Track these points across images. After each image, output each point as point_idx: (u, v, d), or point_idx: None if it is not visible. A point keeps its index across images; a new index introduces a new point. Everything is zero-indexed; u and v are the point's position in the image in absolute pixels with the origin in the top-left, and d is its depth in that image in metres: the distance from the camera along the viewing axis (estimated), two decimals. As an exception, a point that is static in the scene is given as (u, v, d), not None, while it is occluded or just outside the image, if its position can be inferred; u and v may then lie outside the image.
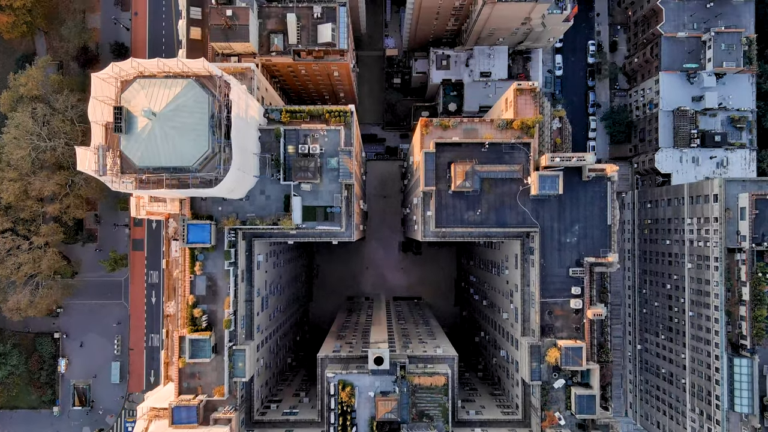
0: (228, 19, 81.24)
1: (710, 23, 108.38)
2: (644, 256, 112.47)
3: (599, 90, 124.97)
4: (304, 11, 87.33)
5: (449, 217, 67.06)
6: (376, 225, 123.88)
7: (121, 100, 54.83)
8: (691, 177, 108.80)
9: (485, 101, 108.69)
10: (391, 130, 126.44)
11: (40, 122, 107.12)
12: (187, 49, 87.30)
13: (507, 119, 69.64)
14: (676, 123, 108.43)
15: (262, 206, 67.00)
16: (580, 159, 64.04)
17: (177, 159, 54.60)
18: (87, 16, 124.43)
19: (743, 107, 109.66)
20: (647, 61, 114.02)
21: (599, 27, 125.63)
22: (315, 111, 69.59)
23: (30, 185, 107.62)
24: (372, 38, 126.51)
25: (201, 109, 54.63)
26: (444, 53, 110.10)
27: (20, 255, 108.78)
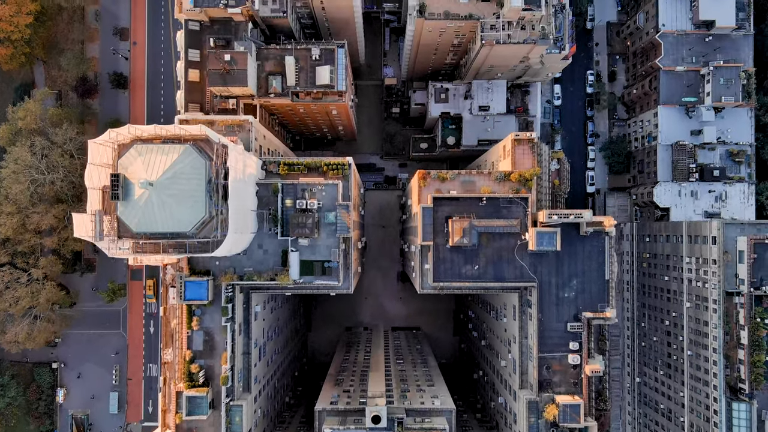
0: (226, 64, 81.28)
1: (709, 57, 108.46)
2: (643, 290, 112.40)
3: (598, 120, 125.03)
4: (302, 53, 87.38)
5: (447, 272, 67.00)
6: (374, 255, 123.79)
7: (119, 166, 54.78)
8: (690, 211, 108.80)
9: (484, 135, 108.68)
10: (389, 159, 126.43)
11: (38, 156, 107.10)
12: (185, 91, 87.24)
13: (505, 172, 69.62)
14: (674, 157, 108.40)
15: (259, 260, 66.93)
16: (577, 216, 63.96)
17: (174, 225, 54.54)
18: (86, 45, 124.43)
19: (742, 141, 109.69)
20: (646, 94, 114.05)
21: (598, 57, 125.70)
22: (313, 164, 69.58)
23: (28, 219, 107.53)
24: (371, 68, 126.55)
25: (198, 175, 54.59)
26: (443, 86, 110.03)
27: (19, 289, 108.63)
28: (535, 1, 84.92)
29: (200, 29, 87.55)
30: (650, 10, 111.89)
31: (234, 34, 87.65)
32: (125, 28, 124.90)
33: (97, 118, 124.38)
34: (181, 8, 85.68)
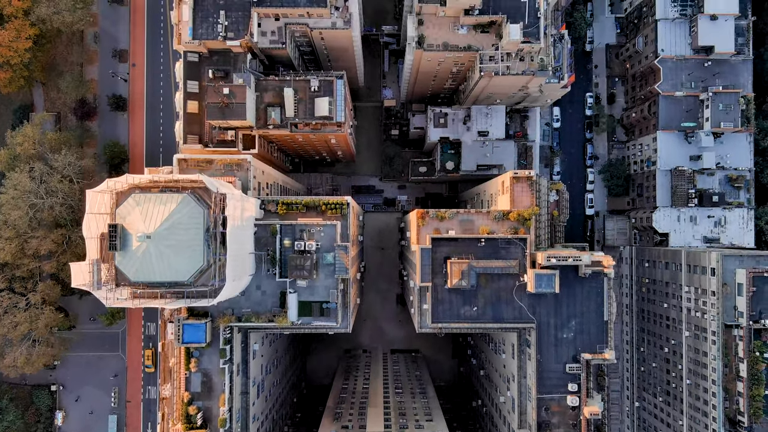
0: (225, 97, 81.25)
1: (708, 82, 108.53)
2: (642, 314, 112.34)
3: (597, 142, 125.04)
4: (301, 84, 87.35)
5: (445, 312, 66.95)
6: (373, 277, 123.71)
7: (116, 215, 54.72)
8: (689, 236, 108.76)
9: (483, 160, 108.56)
10: (388, 181, 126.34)
11: (37, 181, 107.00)
12: (183, 123, 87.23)
13: (503, 211, 69.57)
14: (673, 182, 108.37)
15: (258, 301, 66.86)
16: (576, 259, 63.91)
17: (172, 275, 54.49)
18: (85, 67, 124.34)
19: (741, 166, 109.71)
20: (645, 118, 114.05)
21: (597, 79, 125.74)
22: (311, 203, 69.53)
23: (27, 244, 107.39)
24: (370, 90, 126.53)
25: (196, 224, 54.54)
26: (441, 111, 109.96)
27: (17, 314, 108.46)
28: (533, 34, 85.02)
29: (199, 60, 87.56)
30: (649, 35, 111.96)
31: (233, 65, 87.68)
32: (124, 50, 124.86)
33: (96, 140, 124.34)
34: (179, 40, 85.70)
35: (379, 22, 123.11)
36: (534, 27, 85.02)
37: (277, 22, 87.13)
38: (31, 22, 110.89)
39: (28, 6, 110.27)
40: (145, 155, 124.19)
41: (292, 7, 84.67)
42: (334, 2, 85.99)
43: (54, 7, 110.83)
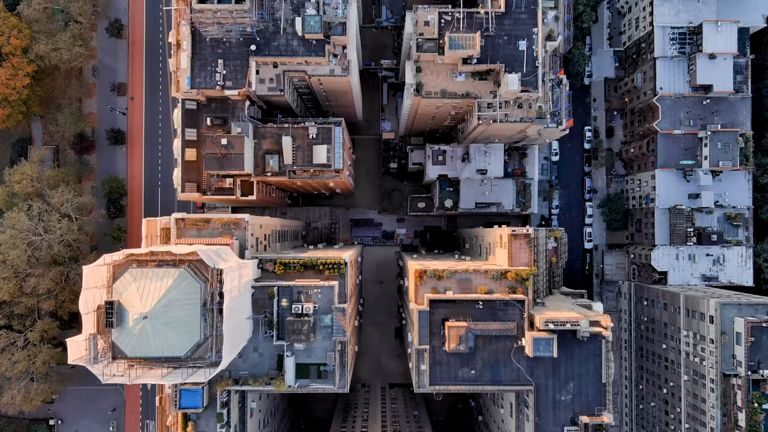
0: (223, 148, 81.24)
1: (707, 120, 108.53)
2: (641, 352, 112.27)
3: (596, 175, 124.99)
4: (299, 131, 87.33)
5: (443, 374, 66.88)
6: (372, 311, 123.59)
7: (113, 291, 54.63)
8: (688, 275, 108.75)
9: (481, 198, 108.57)
10: (387, 214, 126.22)
11: (35, 219, 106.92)
12: (182, 170, 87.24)
13: (501, 270, 69.51)
14: (672, 221, 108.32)
15: (255, 363, 66.78)
16: (574, 323, 63.85)
17: (169, 351, 54.44)
18: (83, 101, 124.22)
19: (739, 204, 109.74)
20: (643, 154, 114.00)
21: (596, 112, 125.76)
22: (309, 261, 69.48)
23: (25, 282, 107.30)
24: (369, 123, 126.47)
25: (193, 300, 54.45)
26: (440, 149, 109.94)
27: (15, 352, 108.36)
28: (532, 82, 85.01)
29: (197, 108, 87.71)
30: (648, 72, 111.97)
31: (231, 113, 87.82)
32: (123, 83, 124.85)
33: (95, 173, 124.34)
34: (178, 87, 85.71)
35: (377, 57, 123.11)
36: (532, 75, 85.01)
37: (275, 69, 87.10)
38: (30, 59, 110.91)
39: (27, 44, 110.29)
40: (144, 188, 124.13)
41: (291, 56, 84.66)
42: (332, 50, 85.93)
43: (52, 44, 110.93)
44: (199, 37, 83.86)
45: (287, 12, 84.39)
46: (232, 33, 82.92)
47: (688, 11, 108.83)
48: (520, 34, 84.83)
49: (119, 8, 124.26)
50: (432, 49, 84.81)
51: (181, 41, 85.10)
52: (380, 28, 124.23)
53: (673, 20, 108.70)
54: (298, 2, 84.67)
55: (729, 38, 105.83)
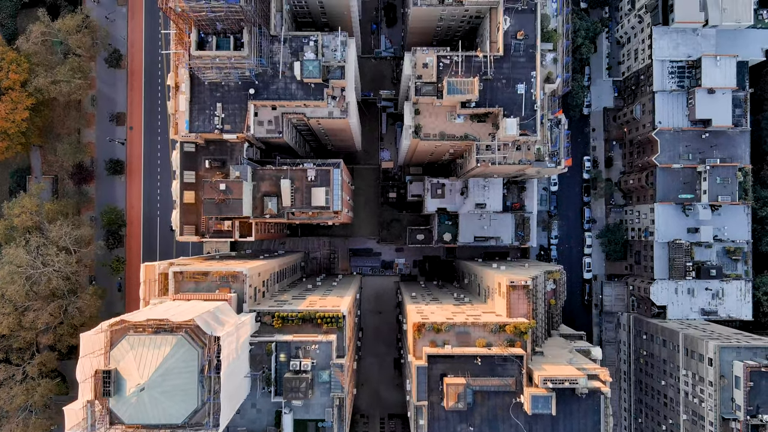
0: (221, 193, 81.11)
1: (706, 154, 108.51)
2: (640, 386, 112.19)
3: (595, 206, 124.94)
4: (298, 173, 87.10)
5: (442, 430, 66.73)
6: (371, 341, 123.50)
7: (110, 358, 54.55)
8: (687, 309, 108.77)
9: (480, 232, 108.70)
10: (386, 244, 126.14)
11: (34, 253, 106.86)
12: (180, 213, 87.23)
13: (500, 323, 69.48)
14: (671, 255, 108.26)
15: (252, 420, 66.74)
16: (572, 382, 63.80)
17: (166, 419, 54.34)
18: (82, 130, 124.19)
19: (738, 239, 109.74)
20: (642, 187, 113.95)
21: (595, 142, 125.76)
22: (307, 314, 69.48)
23: (24, 316, 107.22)
24: (368, 152, 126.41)
25: (190, 368, 54.40)
26: (439, 182, 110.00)
27: (14, 386, 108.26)
28: (530, 126, 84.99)
29: (195, 150, 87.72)
30: (647, 104, 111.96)
31: (230, 155, 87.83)
32: (122, 113, 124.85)
33: (94, 203, 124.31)
34: (176, 130, 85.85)
35: (377, 87, 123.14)
36: (531, 119, 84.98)
37: (273, 111, 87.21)
38: (29, 92, 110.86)
39: (25, 78, 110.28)
40: (143, 218, 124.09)
41: (289, 99, 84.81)
42: (330, 92, 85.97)
43: (51, 77, 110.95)
44: (198, 80, 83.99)
45: (286, 56, 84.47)
46: (231, 77, 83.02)
47: (687, 45, 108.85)
48: (519, 78, 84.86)
49: (118, 38, 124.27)
50: (430, 93, 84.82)
51: (180, 84, 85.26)
52: (379, 58, 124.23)
53: (672, 54, 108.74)
54: (297, 46, 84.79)
55: (728, 73, 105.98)
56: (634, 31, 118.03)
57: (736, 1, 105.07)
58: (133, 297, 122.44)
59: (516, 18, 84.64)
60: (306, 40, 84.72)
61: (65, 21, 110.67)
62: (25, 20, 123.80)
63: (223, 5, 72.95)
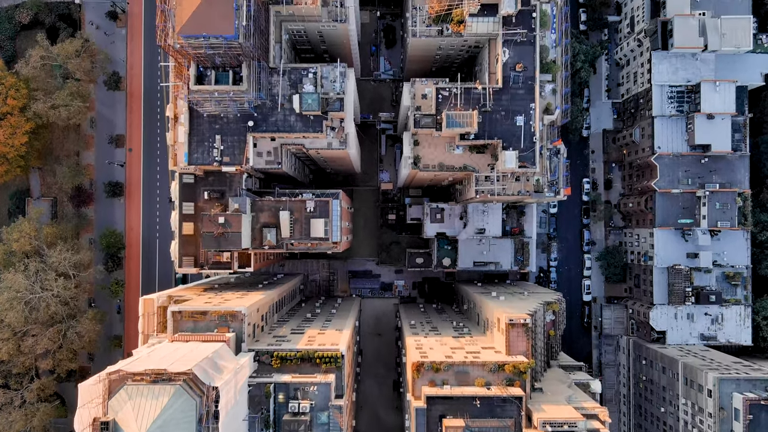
0: (220, 227, 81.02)
1: (705, 179, 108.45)
2: (639, 410, 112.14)
3: (594, 228, 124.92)
4: (297, 205, 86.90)
5: (441, 472, 66.67)
6: (370, 363, 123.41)
7: (108, 408, 54.47)
8: (686, 334, 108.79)
9: (479, 258, 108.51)
10: (386, 266, 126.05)
11: (33, 278, 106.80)
12: (179, 244, 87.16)
13: (499, 363, 69.44)
14: (670, 280, 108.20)
15: (252, 461, 66.56)
16: (571, 425, 63.73)
17: (164, 470, 54.17)
18: (81, 152, 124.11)
19: (738, 264, 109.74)
20: (642, 211, 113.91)
21: (594, 164, 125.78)
22: (306, 354, 69.45)
23: (23, 342, 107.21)
24: (367, 174, 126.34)
25: (189, 418, 54.31)
26: (438, 206, 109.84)
27: (12, 411, 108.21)
28: (529, 158, 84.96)
29: (194, 181, 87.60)
30: (646, 129, 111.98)
31: (229, 186, 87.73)
32: (121, 135, 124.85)
33: (93, 225, 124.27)
34: (175, 162, 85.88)
35: (376, 109, 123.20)
36: (530, 151, 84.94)
37: (272, 143, 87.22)
38: (28, 117, 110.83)
39: (24, 103, 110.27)
40: (142, 240, 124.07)
41: (288, 132, 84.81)
42: (330, 124, 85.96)
43: (50, 102, 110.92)
44: (197, 112, 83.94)
45: (285, 88, 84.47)
46: (230, 109, 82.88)
47: (686, 69, 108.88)
48: (518, 110, 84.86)
49: (117, 60, 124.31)
50: (429, 125, 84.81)
51: (179, 115, 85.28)
52: (378, 81, 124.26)
53: (671, 78, 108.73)
54: (296, 78, 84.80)
55: (727, 98, 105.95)
56: (633, 54, 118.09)
57: (736, 27, 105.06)
58: (132, 319, 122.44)
59: (515, 50, 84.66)
60: (305, 72, 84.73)
61: (64, 46, 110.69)
62: (24, 42, 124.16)
63: (221, 42, 72.93)
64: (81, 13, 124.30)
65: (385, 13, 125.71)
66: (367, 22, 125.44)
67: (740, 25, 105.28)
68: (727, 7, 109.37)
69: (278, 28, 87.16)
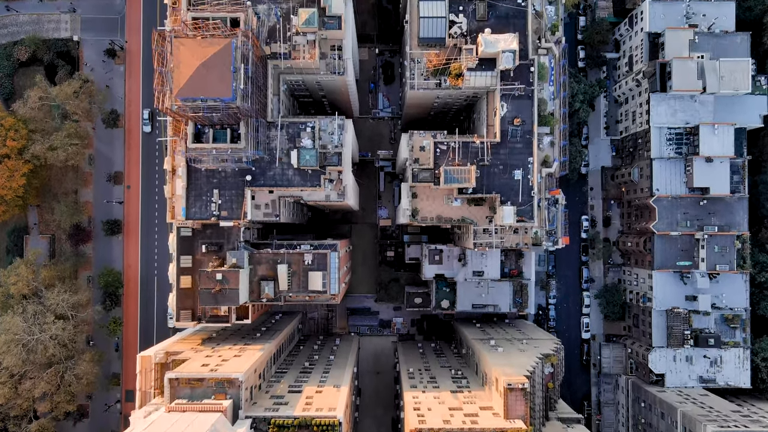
0: (218, 283, 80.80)
1: (704, 221, 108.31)
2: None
3: (593, 265, 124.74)
4: (295, 257, 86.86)
5: None
6: (368, 402, 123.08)
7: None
8: (685, 377, 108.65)
9: (478, 300, 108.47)
10: (384, 303, 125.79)
11: (30, 320, 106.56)
12: (177, 297, 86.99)
13: (497, 429, 69.20)
14: (669, 323, 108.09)
15: None
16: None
17: None
18: (80, 190, 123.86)
19: (737, 306, 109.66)
20: (640, 251, 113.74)
21: (593, 201, 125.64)
22: (303, 420, 69.23)
23: (21, 385, 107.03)
24: (365, 211, 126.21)
25: (185, 502, 54.09)
26: (437, 248, 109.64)
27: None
28: (527, 212, 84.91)
29: (192, 234, 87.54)
30: (644, 169, 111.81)
31: (226, 239, 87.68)
32: (119, 172, 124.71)
33: (91, 263, 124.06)
34: (173, 214, 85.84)
35: (374, 147, 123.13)
36: (528, 205, 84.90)
37: (270, 195, 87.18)
38: (26, 159, 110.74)
39: (23, 144, 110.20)
40: (140, 278, 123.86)
41: (286, 186, 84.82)
42: (328, 177, 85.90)
43: (49, 143, 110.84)
44: (194, 166, 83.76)
45: (283, 142, 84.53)
46: (228, 163, 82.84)
47: (684, 111, 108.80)
48: (516, 164, 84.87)
49: (116, 97, 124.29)
50: (428, 179, 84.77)
51: (177, 168, 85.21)
52: (377, 118, 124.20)
53: (669, 120, 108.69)
54: (294, 132, 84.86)
55: (725, 141, 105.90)
56: (632, 93, 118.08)
57: (734, 69, 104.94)
58: (130, 357, 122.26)
59: (513, 104, 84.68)
60: (303, 126, 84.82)
61: (63, 88, 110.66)
62: (23, 79, 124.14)
63: (219, 104, 72.93)
64: (79, 51, 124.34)
65: (384, 50, 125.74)
66: (366, 59, 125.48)
67: (739, 68, 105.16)
68: (725, 49, 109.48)
69: (276, 81, 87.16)
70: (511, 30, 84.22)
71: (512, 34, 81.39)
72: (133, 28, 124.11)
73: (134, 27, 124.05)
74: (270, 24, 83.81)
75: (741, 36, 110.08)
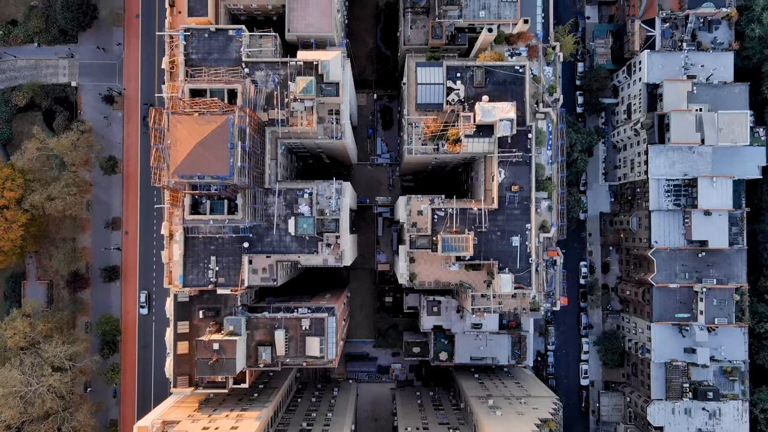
0: (215, 353, 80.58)
1: (702, 273, 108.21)
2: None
3: (591, 312, 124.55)
4: (292, 322, 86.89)
5: None
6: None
7: None
8: (684, 429, 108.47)
9: (476, 353, 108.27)
10: (382, 348, 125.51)
11: (28, 372, 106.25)
12: (174, 364, 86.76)
13: None
14: (668, 375, 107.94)
15: None
16: None
17: None
18: (78, 236, 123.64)
19: (735, 359, 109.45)
20: (639, 301, 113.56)
21: (591, 247, 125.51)
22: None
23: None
24: (364, 257, 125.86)
25: None
26: (435, 299, 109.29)
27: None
28: (525, 279, 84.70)
29: (189, 300, 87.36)
30: (643, 219, 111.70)
31: (224, 304, 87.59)
32: (117, 217, 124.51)
33: (89, 309, 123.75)
34: (170, 280, 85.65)
35: (372, 193, 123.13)
36: (526, 271, 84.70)
37: (268, 260, 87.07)
38: (24, 209, 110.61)
39: (20, 195, 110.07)
40: (138, 327, 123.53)
41: (284, 253, 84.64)
42: (326, 241, 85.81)
43: (47, 193, 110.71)
44: (192, 233, 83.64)
45: (280, 208, 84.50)
46: (225, 229, 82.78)
47: (683, 163, 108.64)
48: (514, 230, 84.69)
49: (114, 143, 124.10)
50: (425, 246, 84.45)
51: (174, 233, 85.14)
52: (376, 165, 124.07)
53: (668, 172, 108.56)
54: (291, 198, 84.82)
55: (724, 194, 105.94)
56: (630, 141, 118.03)
57: (733, 122, 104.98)
58: (128, 404, 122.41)
59: (510, 170, 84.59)
60: (300, 193, 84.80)
61: (61, 141, 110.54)
62: (21, 124, 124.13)
63: (217, 181, 72.81)
64: (77, 96, 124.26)
65: (382, 95, 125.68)
66: (364, 104, 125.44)
67: (737, 120, 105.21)
68: (724, 100, 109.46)
69: (274, 145, 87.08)
70: (509, 96, 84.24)
71: (510, 102, 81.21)
72: (131, 73, 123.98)
73: (132, 73, 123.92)
74: (267, 90, 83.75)
75: (739, 86, 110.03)
